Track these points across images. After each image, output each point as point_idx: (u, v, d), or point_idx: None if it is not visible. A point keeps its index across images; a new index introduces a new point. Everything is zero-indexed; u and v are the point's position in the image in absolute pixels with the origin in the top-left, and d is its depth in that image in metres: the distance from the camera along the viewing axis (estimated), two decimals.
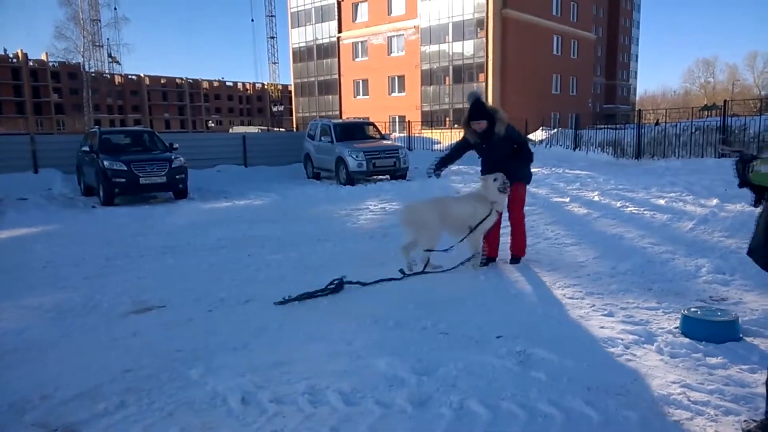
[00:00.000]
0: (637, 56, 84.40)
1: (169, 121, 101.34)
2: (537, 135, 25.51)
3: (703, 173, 12.97)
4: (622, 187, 11.19)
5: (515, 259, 5.65)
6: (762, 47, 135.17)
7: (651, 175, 13.34)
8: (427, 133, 28.23)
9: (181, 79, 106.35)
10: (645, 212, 8.28)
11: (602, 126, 24.39)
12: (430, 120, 37.22)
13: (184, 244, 7.39)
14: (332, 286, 4.98)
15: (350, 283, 5.08)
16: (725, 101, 17.50)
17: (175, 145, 13.68)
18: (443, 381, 3.08)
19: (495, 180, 5.33)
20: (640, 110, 21.51)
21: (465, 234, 5.42)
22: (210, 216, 10.17)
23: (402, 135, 25.79)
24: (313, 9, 47.48)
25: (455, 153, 6.00)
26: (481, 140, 5.49)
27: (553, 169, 16.06)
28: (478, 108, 5.40)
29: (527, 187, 5.69)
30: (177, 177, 12.51)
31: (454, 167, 18.45)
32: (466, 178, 14.94)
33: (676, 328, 3.63)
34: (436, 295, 4.76)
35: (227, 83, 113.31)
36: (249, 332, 4.05)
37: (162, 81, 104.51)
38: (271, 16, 73.53)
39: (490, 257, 5.66)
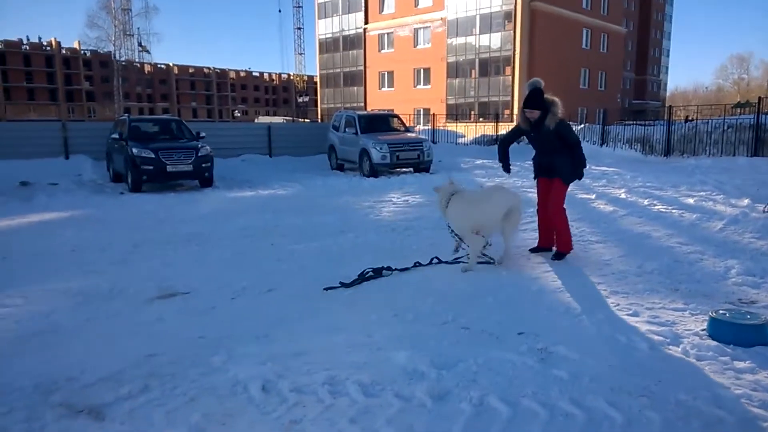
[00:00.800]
0: (668, 51, 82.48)
1: (197, 110, 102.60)
2: None
3: (734, 172, 12.67)
4: (650, 185, 10.99)
5: (559, 255, 5.62)
6: None
7: (680, 173, 13.07)
8: (452, 127, 28.08)
9: (209, 68, 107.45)
10: (673, 211, 8.11)
11: (630, 122, 23.93)
12: (455, 113, 36.98)
13: (208, 232, 7.48)
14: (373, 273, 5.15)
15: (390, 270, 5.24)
16: (760, 98, 16.99)
17: (202, 134, 13.85)
18: (463, 376, 3.07)
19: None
20: (670, 106, 21.03)
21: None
22: (234, 205, 10.27)
23: (426, 128, 25.69)
24: (340, 0, 47.42)
25: (510, 136, 6.07)
26: (531, 129, 5.58)
27: None
28: (534, 97, 5.47)
29: (568, 186, 5.66)
30: (203, 165, 12.66)
31: (479, 161, 18.36)
32: (490, 172, 14.82)
33: (703, 330, 3.54)
34: (457, 289, 4.73)
35: (254, 73, 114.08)
36: (270, 321, 4.09)
37: (190, 70, 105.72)
38: (299, 6, 73.57)
39: (542, 247, 5.86)
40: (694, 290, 4.44)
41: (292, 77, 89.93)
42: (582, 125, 24.00)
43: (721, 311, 3.57)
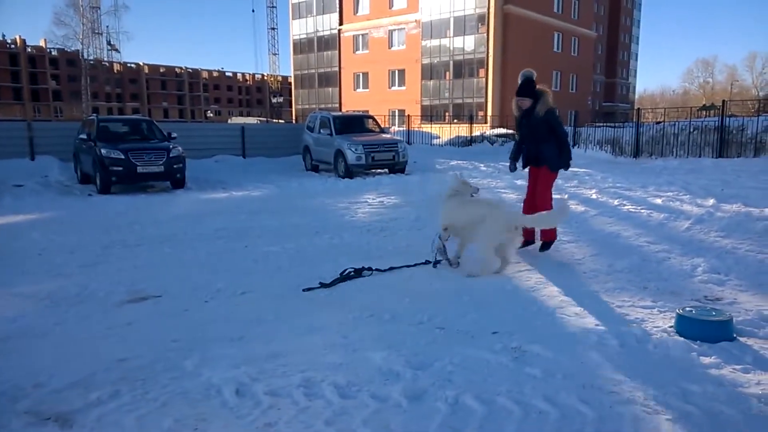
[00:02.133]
0: (637, 55, 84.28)
1: (168, 110, 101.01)
2: None
3: (700, 173, 12.98)
4: (620, 185, 11.19)
5: (545, 245, 5.87)
6: (761, 48, 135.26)
7: (649, 174, 13.34)
8: (427, 128, 28.21)
9: (181, 68, 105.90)
10: (642, 211, 8.28)
11: (601, 124, 24.37)
12: (430, 114, 37.16)
13: (181, 234, 7.38)
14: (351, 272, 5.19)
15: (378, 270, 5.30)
16: (723, 101, 17.50)
17: (174, 135, 13.63)
18: (439, 375, 3.09)
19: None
20: (639, 109, 21.49)
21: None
22: (207, 206, 10.15)
23: (401, 129, 25.75)
24: (314, 0, 47.26)
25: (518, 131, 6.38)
26: (522, 116, 5.96)
27: None
28: (525, 86, 5.84)
29: (555, 175, 6.00)
30: (175, 166, 12.47)
31: (453, 162, 18.49)
32: (464, 173, 14.92)
33: (670, 327, 3.63)
34: (433, 289, 4.76)
35: (227, 73, 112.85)
36: (245, 324, 4.05)
37: (161, 70, 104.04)
38: (272, 6, 73.08)
39: (527, 240, 5.83)
40: (662, 288, 4.54)
41: (266, 78, 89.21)
42: None
43: (687, 308, 3.66)
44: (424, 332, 3.78)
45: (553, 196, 6.09)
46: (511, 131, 26.02)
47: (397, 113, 37.43)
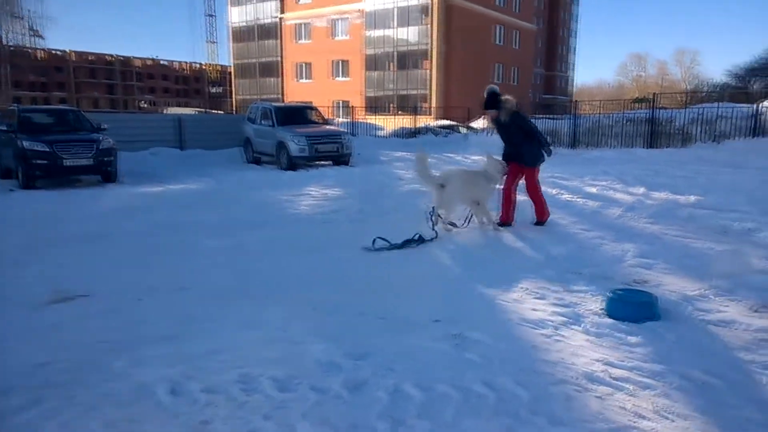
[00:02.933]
0: (575, 49, 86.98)
1: (98, 100, 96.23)
2: (479, 123, 25.93)
3: (633, 163, 13.55)
4: (558, 175, 11.50)
5: (539, 223, 6.75)
6: (689, 44, 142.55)
7: (585, 164, 13.81)
8: (372, 119, 28.20)
9: (111, 56, 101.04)
10: (578, 199, 8.56)
11: (540, 116, 25.03)
12: (375, 106, 37.15)
13: (112, 231, 7.06)
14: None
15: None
16: (654, 94, 18.33)
17: (104, 126, 13.00)
18: (380, 365, 3.09)
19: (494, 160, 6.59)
20: (575, 101, 22.21)
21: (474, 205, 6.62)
22: (141, 201, 9.77)
23: (346, 120, 25.62)
24: None
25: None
26: (496, 125, 6.79)
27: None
28: (489, 99, 6.59)
29: (538, 169, 6.81)
30: (105, 159, 11.91)
31: (398, 153, 18.54)
32: (409, 164, 14.99)
33: (601, 309, 3.77)
34: (376, 279, 4.76)
35: (162, 62, 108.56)
36: (180, 321, 3.92)
37: (90, 57, 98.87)
38: None
39: (505, 223, 6.68)
40: (595, 273, 4.71)
41: (204, 67, 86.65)
42: None
43: (617, 291, 3.82)
44: (366, 323, 3.77)
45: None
46: (455, 123, 26.42)
47: (341, 104, 37.18)
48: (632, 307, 3.57)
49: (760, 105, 16.11)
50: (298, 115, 16.49)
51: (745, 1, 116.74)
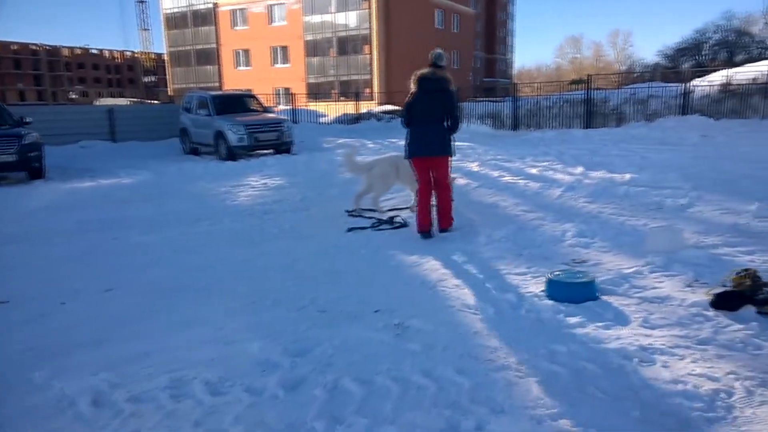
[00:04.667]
0: (513, 32, 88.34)
1: (24, 92, 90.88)
2: None
3: (571, 143, 13.86)
4: (500, 158, 11.64)
5: (444, 231, 5.79)
6: (622, 26, 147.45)
7: (527, 146, 14.03)
8: (314, 106, 27.78)
9: (37, 45, 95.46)
10: (520, 181, 8.65)
11: (482, 99, 25.33)
12: (317, 92, 36.62)
13: (36, 230, 6.64)
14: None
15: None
16: (589, 76, 18.80)
17: (28, 119, 12.23)
18: (318, 361, 2.99)
19: None
20: (515, 84, 22.56)
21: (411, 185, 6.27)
22: (71, 197, 9.25)
23: (287, 108, 25.13)
24: None
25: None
26: (419, 92, 5.87)
27: None
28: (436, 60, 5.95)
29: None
30: (30, 155, 11.20)
31: (341, 140, 18.34)
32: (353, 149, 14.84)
33: (542, 291, 3.79)
34: (317, 270, 4.65)
35: (92, 51, 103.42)
36: (108, 324, 3.72)
37: (13, 47, 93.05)
38: None
39: (424, 232, 5.62)
40: (536, 254, 4.75)
41: (137, 55, 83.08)
42: None
43: (556, 272, 3.84)
44: (306, 317, 3.66)
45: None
46: (398, 107, 26.34)
47: (282, 91, 36.44)
48: (571, 288, 3.59)
49: (689, 83, 16.81)
50: (236, 104, 16.00)
51: None
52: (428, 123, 5.52)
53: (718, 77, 16.81)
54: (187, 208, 7.75)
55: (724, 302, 3.29)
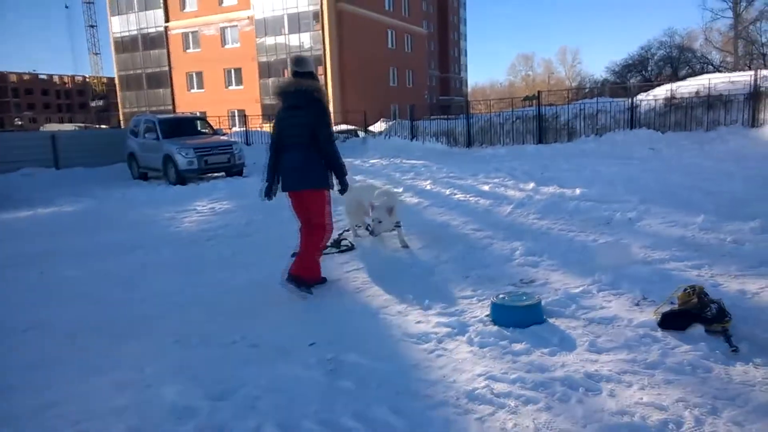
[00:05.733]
0: (466, 51, 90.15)
1: None
2: (377, 127, 25.98)
3: (524, 159, 13.95)
4: (453, 175, 11.58)
5: (292, 279, 4.32)
6: (570, 43, 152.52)
7: (479, 162, 14.04)
8: (268, 127, 27.42)
9: None
10: (471, 198, 8.55)
11: (435, 117, 25.48)
12: (272, 113, 36.23)
13: None
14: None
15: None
16: (539, 92, 19.11)
17: None
18: (242, 404, 2.72)
19: None
20: (467, 101, 22.77)
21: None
22: (3, 229, 8.71)
23: (241, 130, 24.70)
24: None
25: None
26: (284, 107, 4.77)
27: (391, 159, 16.32)
28: (297, 64, 4.89)
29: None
30: None
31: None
32: None
33: (487, 315, 3.60)
34: (250, 302, 4.37)
35: (41, 76, 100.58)
36: (19, 369, 3.39)
37: None
38: (90, 2, 66.10)
39: (311, 279, 4.52)
40: (483, 275, 4.58)
41: (88, 80, 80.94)
42: (393, 121, 25.00)
43: (501, 295, 3.67)
44: (235, 353, 3.38)
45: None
46: (353, 127, 26.28)
47: (236, 113, 35.96)
48: (516, 313, 3.42)
49: (635, 98, 17.24)
50: (184, 127, 15.58)
51: (619, 1, 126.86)
52: (291, 148, 4.36)
53: (662, 91, 17.30)
54: (124, 237, 7.34)
55: (672, 322, 3.17)
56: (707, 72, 30.23)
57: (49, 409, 2.81)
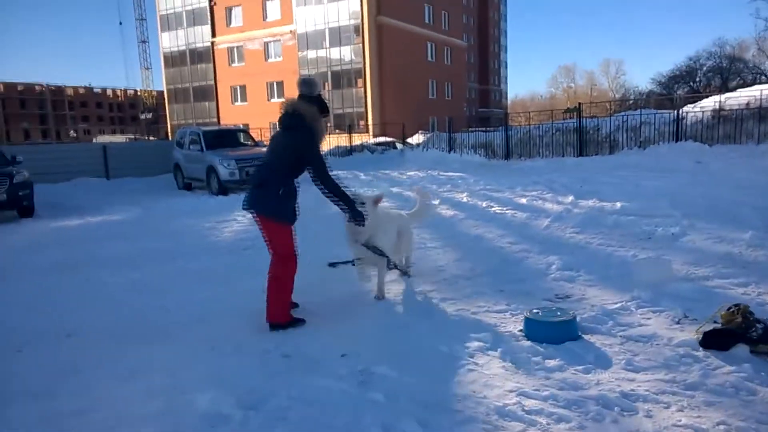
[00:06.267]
0: (506, 63, 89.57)
1: (29, 131, 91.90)
2: (415, 139, 26.01)
3: (563, 171, 13.70)
4: (490, 187, 11.46)
5: (274, 327, 3.99)
6: (613, 55, 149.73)
7: (518, 175, 13.87)
8: None
9: (42, 85, 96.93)
10: (507, 211, 8.45)
11: (474, 129, 25.37)
12: None
13: (12, 269, 6.45)
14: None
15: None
16: (579, 104, 18.81)
17: (19, 158, 12.18)
18: (273, 414, 2.74)
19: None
20: (507, 113, 22.59)
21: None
22: (55, 235, 9.07)
23: None
24: (184, 12, 45.15)
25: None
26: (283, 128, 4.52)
27: (429, 171, 16.30)
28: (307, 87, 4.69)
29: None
30: (20, 193, 11.13)
31: (333, 172, 18.24)
32: (345, 182, 14.72)
33: (520, 330, 3.55)
34: None
35: (95, 90, 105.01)
36: (58, 374, 3.48)
37: (19, 88, 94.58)
38: (142, 19, 68.66)
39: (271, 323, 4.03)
40: (517, 290, 4.51)
41: (139, 93, 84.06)
42: (431, 133, 25.00)
43: (534, 310, 3.61)
44: (268, 363, 3.42)
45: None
46: (391, 139, 26.39)
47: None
48: (550, 328, 3.35)
49: (681, 110, 16.76)
50: (227, 139, 15.96)
51: (665, 12, 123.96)
52: (266, 166, 4.14)
53: (710, 103, 16.76)
54: (166, 245, 7.54)
55: (715, 341, 3.05)
56: (760, 83, 29.15)
57: (85, 414, 2.89)
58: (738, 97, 16.23)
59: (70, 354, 3.83)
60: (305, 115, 4.09)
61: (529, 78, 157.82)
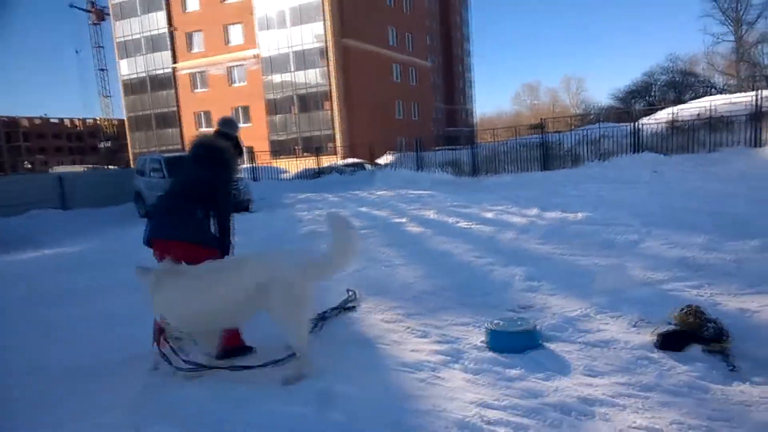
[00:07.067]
0: (472, 82, 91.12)
1: None
2: (384, 159, 26.16)
3: (529, 186, 13.94)
4: (458, 204, 11.58)
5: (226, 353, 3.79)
6: (574, 72, 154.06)
7: (485, 191, 14.06)
8: (277, 163, 27.78)
9: None
10: (474, 226, 8.53)
11: (441, 148, 25.67)
12: (279, 149, 36.71)
13: None
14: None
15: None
16: (542, 120, 19.27)
17: None
18: None
19: None
20: (472, 131, 22.94)
21: None
22: (7, 270, 8.77)
23: (248, 165, 25.01)
24: (142, 38, 44.71)
25: None
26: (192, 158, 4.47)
27: (398, 190, 16.39)
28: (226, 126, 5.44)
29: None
30: None
31: (302, 195, 18.19)
32: (312, 205, 14.69)
33: (482, 342, 3.55)
34: (246, 336, 4.31)
35: (52, 120, 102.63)
36: (10, 413, 3.32)
37: None
38: (100, 47, 67.54)
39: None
40: (482, 302, 4.52)
41: (98, 122, 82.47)
42: (399, 153, 25.20)
43: (496, 321, 3.62)
44: (227, 387, 3.32)
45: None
46: (360, 160, 26.48)
47: (245, 150, 36.45)
48: (510, 338, 3.36)
49: (639, 122, 17.29)
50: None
51: (622, 31, 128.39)
52: (175, 194, 4.08)
53: (664, 115, 17.35)
54: (129, 276, 7.33)
55: (670, 342, 3.11)
56: (710, 95, 30.33)
57: None
58: (690, 109, 16.85)
59: (30, 392, 3.66)
60: (225, 151, 4.05)
61: (495, 96, 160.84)
